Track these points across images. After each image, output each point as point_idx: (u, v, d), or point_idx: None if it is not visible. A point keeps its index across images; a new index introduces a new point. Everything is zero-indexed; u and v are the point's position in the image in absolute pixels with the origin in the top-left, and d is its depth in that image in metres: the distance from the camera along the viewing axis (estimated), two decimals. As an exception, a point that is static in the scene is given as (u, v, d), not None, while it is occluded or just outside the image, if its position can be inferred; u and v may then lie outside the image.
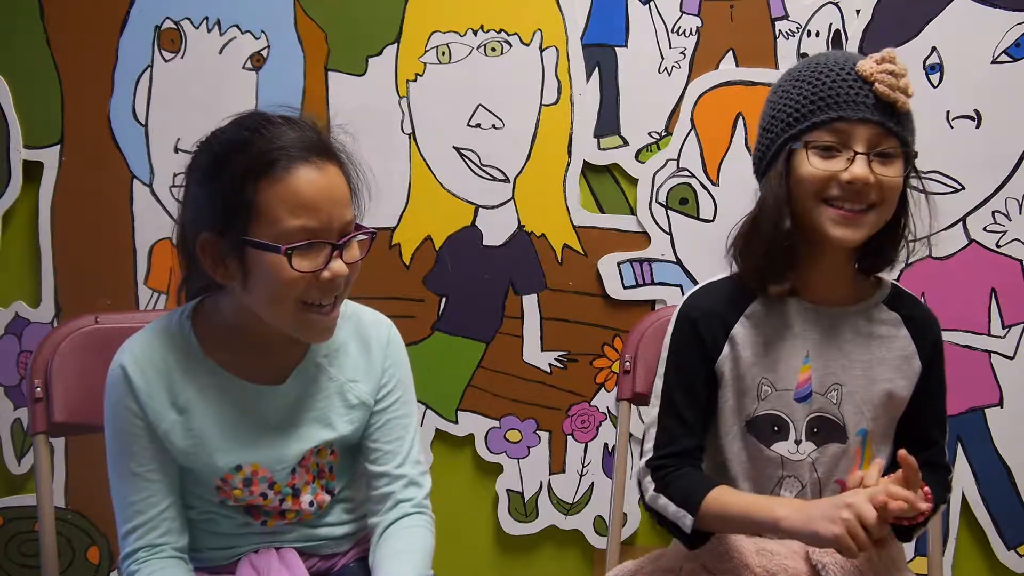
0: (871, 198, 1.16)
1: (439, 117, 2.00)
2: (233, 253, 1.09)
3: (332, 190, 1.10)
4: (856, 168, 1.14)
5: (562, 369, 2.02)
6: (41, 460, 1.32)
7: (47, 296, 2.03)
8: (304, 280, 1.09)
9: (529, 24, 1.98)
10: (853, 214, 1.16)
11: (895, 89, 1.14)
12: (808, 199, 1.17)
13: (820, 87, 1.17)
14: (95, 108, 2.01)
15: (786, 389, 1.23)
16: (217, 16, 2.00)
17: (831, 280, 1.25)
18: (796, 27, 1.94)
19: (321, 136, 1.14)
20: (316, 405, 1.22)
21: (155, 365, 1.16)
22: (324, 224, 1.09)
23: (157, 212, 2.02)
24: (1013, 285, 1.95)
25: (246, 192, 1.07)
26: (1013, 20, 1.91)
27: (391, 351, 1.27)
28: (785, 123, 1.20)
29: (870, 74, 1.15)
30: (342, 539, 1.29)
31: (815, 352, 1.23)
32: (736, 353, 1.23)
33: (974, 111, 1.93)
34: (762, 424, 1.24)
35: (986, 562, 1.99)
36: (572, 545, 2.06)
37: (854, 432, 1.25)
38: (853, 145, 1.15)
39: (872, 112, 1.14)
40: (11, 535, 2.05)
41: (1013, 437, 1.96)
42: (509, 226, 2.01)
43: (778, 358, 1.23)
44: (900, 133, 1.16)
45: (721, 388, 1.25)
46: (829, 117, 1.15)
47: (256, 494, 1.20)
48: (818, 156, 1.16)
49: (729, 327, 1.24)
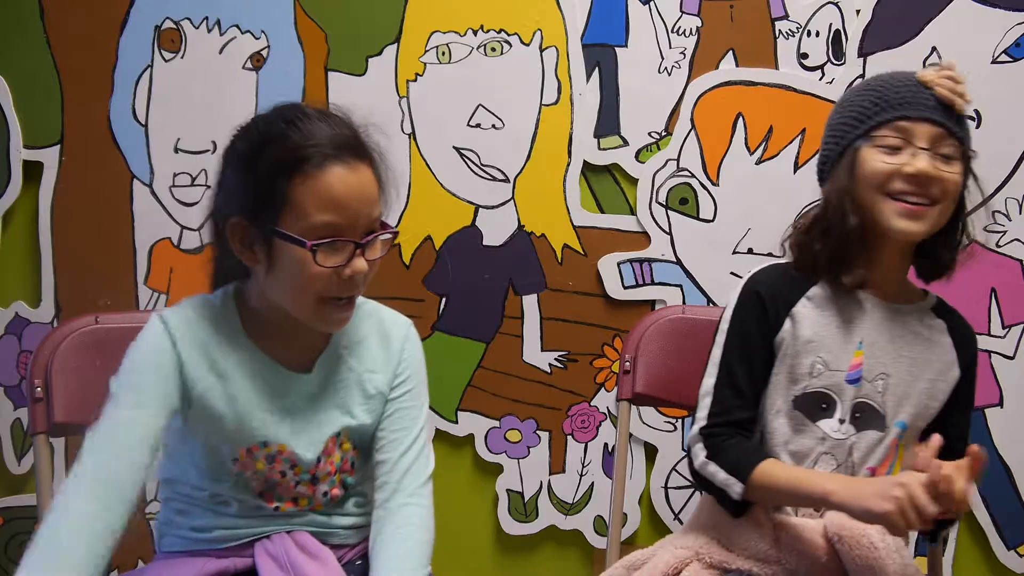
0: (934, 193, 1.22)
1: (439, 117, 2.00)
2: (261, 240, 1.12)
3: (362, 189, 1.12)
4: (920, 162, 1.21)
5: (562, 369, 2.02)
6: (41, 460, 1.32)
7: (47, 296, 2.03)
8: (326, 275, 1.11)
9: (529, 24, 1.98)
10: (917, 207, 1.22)
11: (955, 93, 1.22)
12: (872, 192, 1.24)
13: (884, 91, 1.25)
14: (95, 108, 2.01)
15: (838, 370, 1.28)
16: (217, 16, 2.00)
17: (889, 278, 1.31)
18: (796, 27, 1.94)
19: (356, 134, 1.16)
20: (338, 393, 1.24)
21: (197, 329, 1.18)
22: (350, 222, 1.11)
23: (157, 212, 2.02)
24: (1013, 285, 1.95)
25: (279, 184, 1.10)
26: (1013, 20, 1.91)
27: (408, 346, 1.30)
28: (851, 125, 1.27)
29: (931, 79, 1.23)
30: (351, 531, 1.29)
31: (868, 340, 1.28)
32: (796, 330, 1.28)
33: (974, 111, 1.92)
34: (810, 400, 1.28)
35: (986, 562, 1.99)
36: (572, 545, 2.06)
37: (892, 423, 1.28)
38: (915, 142, 1.22)
39: (933, 112, 1.22)
40: (11, 535, 2.05)
41: (1013, 437, 1.96)
42: (509, 226, 2.01)
43: (834, 340, 1.28)
44: (959, 134, 1.24)
45: (777, 362, 1.29)
46: (893, 116, 1.23)
47: (276, 471, 1.21)
48: (882, 152, 1.23)
49: (791, 304, 1.29)
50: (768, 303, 1.29)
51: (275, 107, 1.18)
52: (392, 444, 1.26)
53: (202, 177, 2.01)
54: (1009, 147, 1.94)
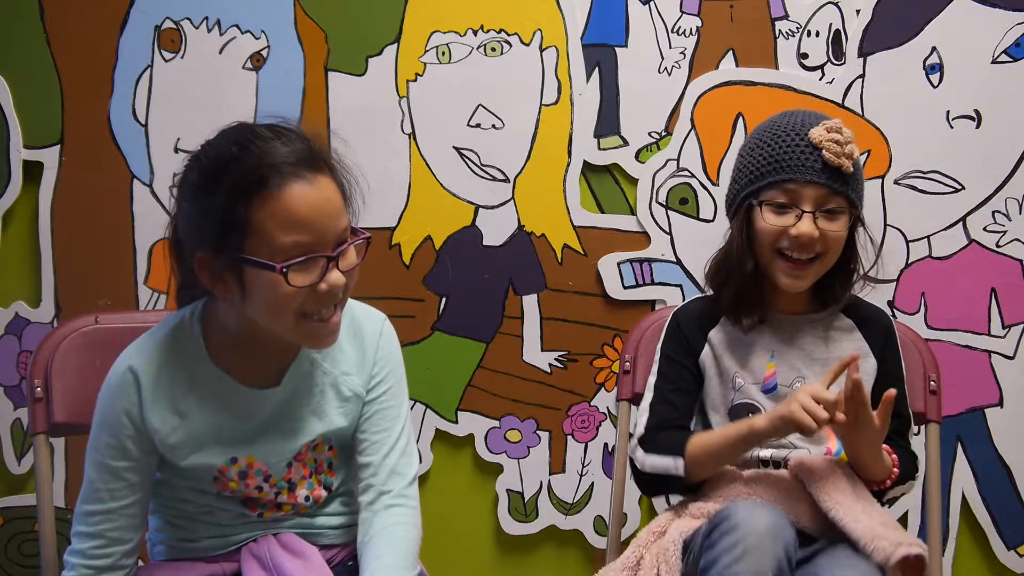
0: (816, 249, 1.35)
1: (439, 117, 2.00)
2: (230, 269, 1.09)
3: (325, 203, 1.10)
4: (802, 225, 1.34)
5: (562, 369, 2.02)
6: (41, 460, 1.32)
7: (47, 296, 2.03)
8: (302, 293, 1.09)
9: (529, 24, 1.98)
10: (799, 265, 1.36)
11: (840, 156, 1.33)
12: (765, 248, 1.38)
13: (776, 150, 1.36)
14: (95, 108, 2.01)
15: (755, 383, 1.42)
16: (217, 16, 2.00)
17: (790, 299, 1.43)
18: (796, 27, 1.95)
19: (311, 146, 1.13)
20: (311, 400, 1.23)
21: (166, 373, 1.17)
22: (318, 238, 1.09)
23: (157, 212, 2.02)
24: (1013, 285, 1.95)
25: (238, 210, 1.06)
26: (1013, 20, 1.91)
27: (383, 343, 1.28)
28: (747, 180, 1.40)
29: (819, 141, 1.33)
30: (340, 530, 1.29)
31: (780, 352, 1.42)
32: (714, 351, 1.44)
33: (974, 111, 1.93)
34: (739, 412, 1.40)
35: (986, 562, 1.99)
36: (572, 545, 2.06)
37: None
38: (801, 204, 1.34)
39: (819, 175, 1.33)
40: (11, 535, 2.05)
41: (1013, 437, 1.96)
42: (509, 226, 2.01)
43: (748, 357, 1.43)
44: (845, 192, 1.35)
45: (706, 380, 1.44)
46: (781, 179, 1.35)
47: (252, 487, 1.21)
48: (772, 212, 1.36)
49: (707, 331, 1.45)
50: (687, 331, 1.45)
51: (223, 131, 1.15)
52: (375, 446, 1.25)
53: (202, 177, 2.01)
54: (1009, 147, 1.94)
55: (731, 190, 1.46)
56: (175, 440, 1.17)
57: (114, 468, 1.17)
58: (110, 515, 1.17)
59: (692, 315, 1.47)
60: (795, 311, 1.44)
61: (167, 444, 1.17)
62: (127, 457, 1.17)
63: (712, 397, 1.43)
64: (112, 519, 1.17)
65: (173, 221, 1.18)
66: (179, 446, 1.17)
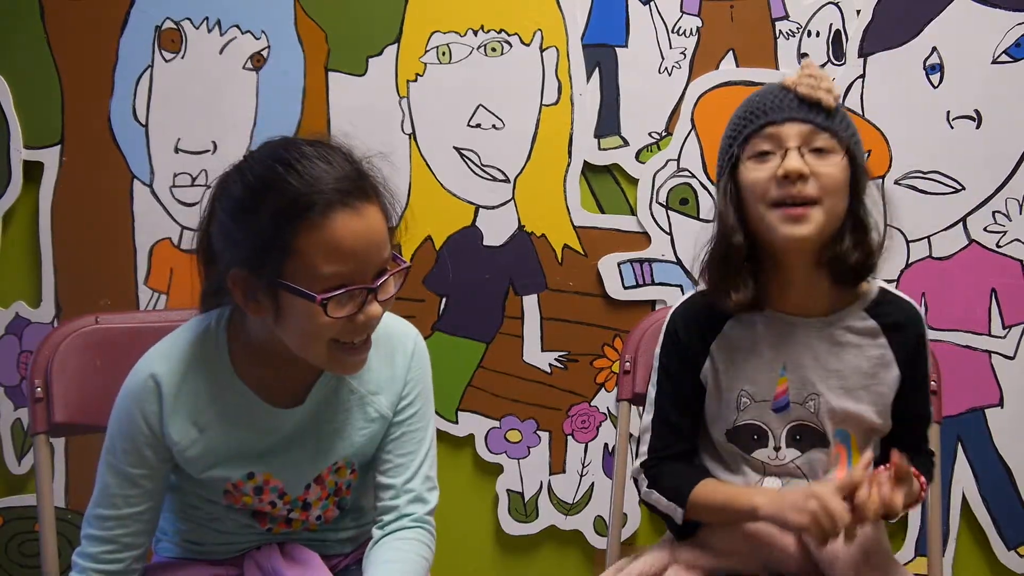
0: (810, 192, 1.18)
1: (439, 117, 2.00)
2: (266, 291, 1.06)
3: (370, 234, 1.05)
4: (789, 161, 1.18)
5: (562, 369, 2.02)
6: (41, 460, 1.32)
7: (47, 296, 2.03)
8: (339, 324, 1.06)
9: (529, 24, 1.98)
10: (797, 210, 1.18)
11: (816, 89, 1.20)
12: (756, 206, 1.21)
13: (751, 104, 1.25)
14: (95, 108, 2.01)
15: (764, 400, 1.28)
16: (217, 16, 2.00)
17: (803, 291, 1.27)
18: (796, 27, 1.94)
19: (360, 170, 1.08)
20: (335, 418, 1.20)
21: (189, 384, 1.14)
22: (361, 269, 1.05)
23: (157, 212, 2.02)
24: (1013, 285, 1.95)
25: (282, 235, 1.02)
26: (1013, 20, 1.91)
27: (415, 363, 1.24)
28: (727, 145, 1.26)
29: (792, 82, 1.22)
30: (346, 542, 1.29)
31: (791, 364, 1.27)
32: (716, 366, 1.29)
33: (974, 111, 1.92)
34: (743, 433, 1.29)
35: (986, 562, 1.99)
36: (572, 545, 2.06)
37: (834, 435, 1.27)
38: (785, 143, 1.20)
39: (797, 111, 1.20)
40: (11, 535, 2.05)
41: (1013, 437, 1.95)
42: (509, 226, 2.01)
43: (756, 371, 1.28)
44: (831, 127, 1.20)
45: (707, 396, 1.31)
46: (760, 124, 1.21)
47: (265, 502, 1.19)
48: (755, 162, 1.22)
49: (708, 341, 1.30)
50: (686, 342, 1.30)
51: (268, 144, 1.10)
52: (398, 469, 1.22)
53: (202, 177, 2.01)
54: (1009, 147, 1.94)
55: (717, 168, 1.31)
56: (193, 453, 1.15)
57: (130, 475, 1.14)
58: (123, 520, 1.15)
59: (691, 322, 1.31)
60: (809, 310, 1.27)
61: (185, 456, 1.15)
62: (144, 464, 1.15)
63: (712, 414, 1.30)
64: (125, 524, 1.15)
65: (205, 227, 1.13)
66: (197, 459, 1.15)
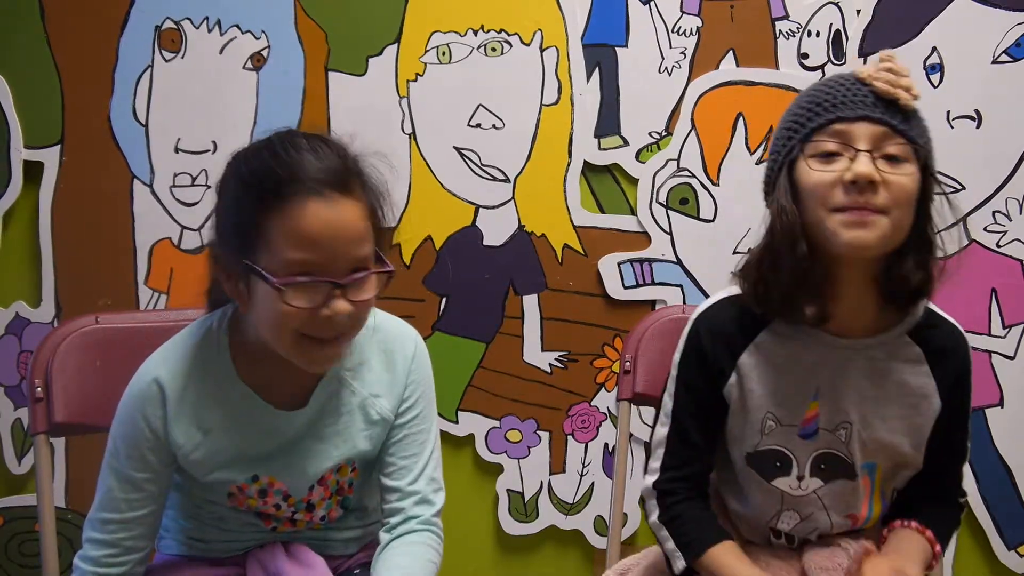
0: (880, 201, 1.06)
1: (439, 117, 2.00)
2: (239, 273, 1.07)
3: (341, 226, 1.04)
4: (859, 165, 1.06)
5: (562, 369, 2.02)
6: (41, 460, 1.32)
7: (47, 296, 2.03)
8: (302, 314, 1.04)
9: (529, 24, 1.98)
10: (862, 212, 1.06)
11: (895, 85, 1.08)
12: (816, 210, 1.09)
13: (818, 94, 1.12)
14: (95, 108, 2.01)
15: (791, 425, 1.17)
16: (217, 16, 2.00)
17: (853, 308, 1.15)
18: (796, 27, 1.94)
19: (345, 165, 1.07)
20: (338, 420, 1.19)
21: (192, 388, 1.14)
22: (327, 261, 1.04)
23: (157, 212, 2.02)
24: (1013, 285, 1.95)
25: (254, 217, 1.04)
26: (1013, 20, 1.91)
27: (416, 366, 1.23)
28: (787, 137, 1.13)
29: (868, 75, 1.09)
30: (350, 542, 1.29)
31: (825, 388, 1.16)
32: (743, 383, 1.17)
33: (974, 111, 1.92)
34: (764, 458, 1.18)
35: (986, 562, 1.99)
36: (572, 545, 2.06)
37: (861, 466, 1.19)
38: (855, 144, 1.07)
39: (872, 109, 1.08)
40: (11, 535, 2.05)
41: (1013, 437, 1.95)
42: (509, 226, 2.01)
43: (786, 393, 1.17)
44: (907, 132, 1.08)
45: (730, 413, 1.19)
46: (827, 119, 1.09)
47: (269, 504, 1.19)
48: (819, 162, 1.09)
49: (737, 354, 1.17)
50: (710, 354, 1.18)
51: (269, 133, 1.11)
52: (402, 471, 1.21)
53: (202, 177, 2.01)
54: (1009, 147, 1.94)
55: (768, 165, 1.17)
56: (197, 456, 1.15)
57: (134, 479, 1.14)
58: (126, 524, 1.15)
59: (719, 331, 1.18)
60: (853, 330, 1.16)
61: (189, 460, 1.15)
62: (147, 468, 1.14)
63: (733, 434, 1.19)
64: (128, 528, 1.15)
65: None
66: (201, 462, 1.15)
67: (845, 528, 1.21)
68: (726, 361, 1.18)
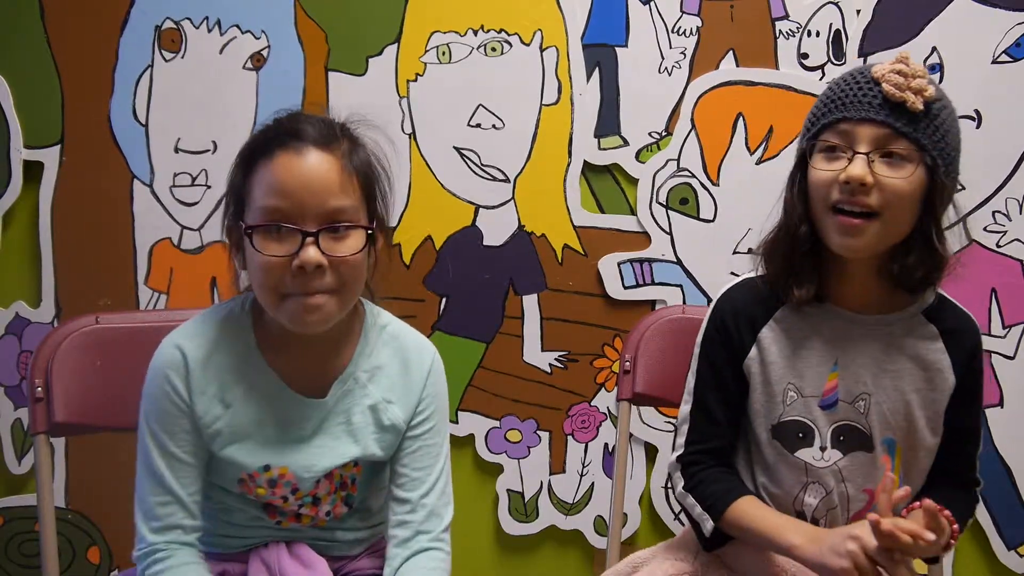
0: (872, 202, 1.12)
1: (439, 117, 2.00)
2: (237, 240, 1.13)
3: (310, 177, 1.07)
4: (853, 167, 1.11)
5: (562, 369, 2.02)
6: (41, 460, 1.32)
7: (47, 296, 2.03)
8: (275, 266, 1.06)
9: (529, 24, 1.98)
10: (852, 220, 1.13)
11: (903, 88, 1.11)
12: (819, 205, 1.16)
13: (834, 90, 1.17)
14: (95, 108, 2.01)
15: (812, 396, 1.22)
16: (217, 16, 2.00)
17: (861, 288, 1.22)
18: (796, 27, 1.94)
19: (332, 129, 1.13)
20: (351, 419, 1.20)
21: (215, 360, 1.15)
22: (295, 209, 1.06)
23: (157, 212, 2.02)
24: (1013, 285, 1.95)
25: (243, 180, 1.11)
26: (1013, 20, 1.91)
27: (432, 380, 1.24)
28: (805, 128, 1.21)
29: (880, 75, 1.13)
30: (354, 543, 1.29)
31: (844, 360, 1.22)
32: (763, 356, 1.23)
33: (974, 111, 1.92)
34: (788, 430, 1.23)
35: (986, 562, 1.99)
36: (572, 545, 2.06)
37: (880, 441, 1.23)
38: (856, 146, 1.12)
39: (877, 111, 1.12)
40: (11, 535, 2.05)
41: (1013, 437, 1.96)
42: (509, 226, 2.01)
43: (806, 364, 1.22)
44: (911, 134, 1.11)
45: (751, 389, 1.25)
46: (835, 118, 1.14)
47: (278, 495, 1.19)
48: (823, 158, 1.16)
49: (757, 329, 1.24)
50: (732, 329, 1.24)
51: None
52: (414, 483, 1.22)
53: (202, 177, 2.01)
54: (1009, 147, 1.94)
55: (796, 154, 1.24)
56: (216, 428, 1.15)
57: (176, 455, 1.14)
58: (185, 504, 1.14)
59: (740, 308, 1.25)
60: (867, 307, 1.22)
61: (208, 431, 1.15)
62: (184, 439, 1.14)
63: (756, 409, 1.24)
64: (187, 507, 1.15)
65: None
66: (219, 435, 1.15)
67: (862, 503, 1.23)
68: (747, 336, 1.24)
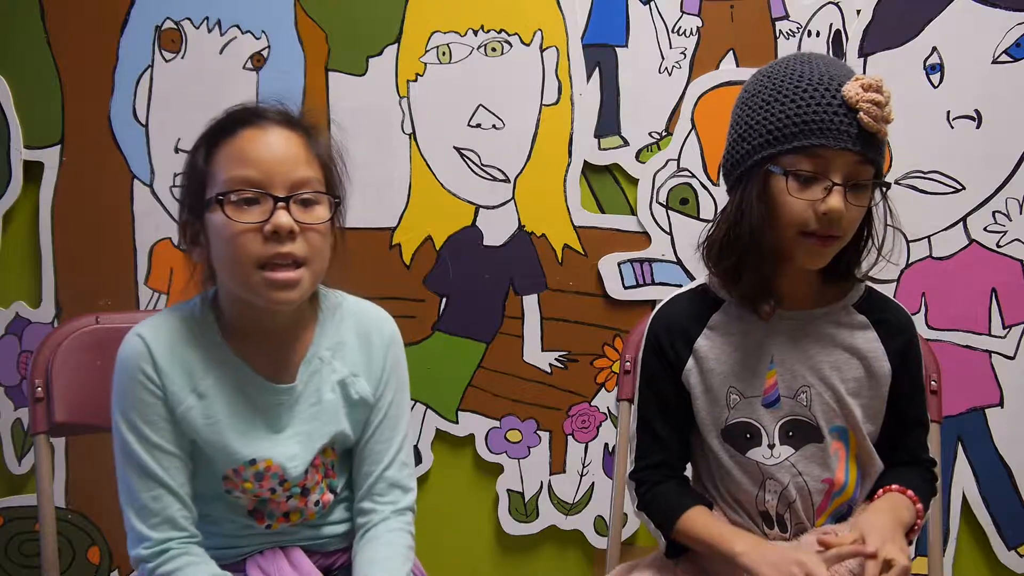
0: (843, 226, 1.16)
1: (439, 117, 2.00)
2: (198, 224, 1.12)
3: (275, 148, 1.11)
4: (832, 200, 1.13)
5: (562, 369, 2.02)
6: (41, 460, 1.32)
7: (47, 296, 2.03)
8: (250, 235, 1.08)
9: (529, 24, 1.98)
10: (824, 241, 1.17)
11: (879, 120, 1.13)
12: (788, 228, 1.17)
13: (805, 109, 1.14)
14: (95, 108, 2.01)
15: (754, 396, 1.25)
16: (217, 16, 2.00)
17: (796, 285, 1.25)
18: (796, 27, 1.94)
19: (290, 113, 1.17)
20: (322, 399, 1.21)
21: (178, 349, 1.15)
22: (265, 177, 1.09)
23: (157, 212, 2.02)
24: (1013, 285, 1.95)
25: (203, 163, 1.12)
26: (1013, 20, 1.91)
27: (392, 351, 1.26)
28: (764, 139, 1.17)
29: (855, 101, 1.13)
30: (344, 536, 1.29)
31: (780, 356, 1.25)
32: (701, 365, 1.26)
33: (974, 111, 1.93)
34: (735, 432, 1.26)
35: (986, 562, 1.99)
36: (572, 545, 2.06)
37: (829, 431, 1.26)
38: (831, 175, 1.14)
39: (854, 143, 1.13)
40: (11, 535, 2.05)
41: (1013, 437, 1.96)
42: (509, 226, 2.01)
43: (744, 366, 1.25)
44: (877, 162, 1.16)
45: (693, 400, 1.27)
46: (811, 143, 1.13)
47: (265, 488, 1.19)
48: (797, 184, 1.15)
49: (692, 340, 1.26)
50: (668, 346, 1.27)
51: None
52: (375, 456, 1.24)
53: (202, 177, 2.01)
54: (1009, 147, 1.94)
55: (737, 148, 1.21)
56: (197, 422, 1.14)
57: (160, 445, 1.13)
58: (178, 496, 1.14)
59: (673, 322, 1.28)
60: (799, 303, 1.26)
61: (189, 423, 1.14)
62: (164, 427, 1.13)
63: (702, 417, 1.27)
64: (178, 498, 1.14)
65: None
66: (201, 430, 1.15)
67: (823, 493, 1.25)
68: (682, 349, 1.27)
